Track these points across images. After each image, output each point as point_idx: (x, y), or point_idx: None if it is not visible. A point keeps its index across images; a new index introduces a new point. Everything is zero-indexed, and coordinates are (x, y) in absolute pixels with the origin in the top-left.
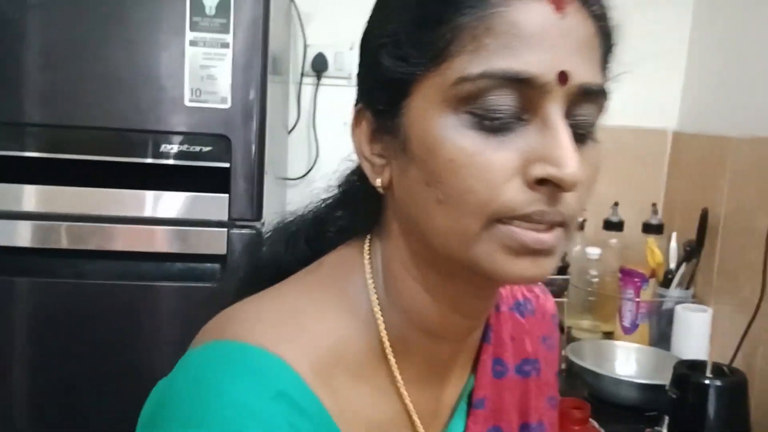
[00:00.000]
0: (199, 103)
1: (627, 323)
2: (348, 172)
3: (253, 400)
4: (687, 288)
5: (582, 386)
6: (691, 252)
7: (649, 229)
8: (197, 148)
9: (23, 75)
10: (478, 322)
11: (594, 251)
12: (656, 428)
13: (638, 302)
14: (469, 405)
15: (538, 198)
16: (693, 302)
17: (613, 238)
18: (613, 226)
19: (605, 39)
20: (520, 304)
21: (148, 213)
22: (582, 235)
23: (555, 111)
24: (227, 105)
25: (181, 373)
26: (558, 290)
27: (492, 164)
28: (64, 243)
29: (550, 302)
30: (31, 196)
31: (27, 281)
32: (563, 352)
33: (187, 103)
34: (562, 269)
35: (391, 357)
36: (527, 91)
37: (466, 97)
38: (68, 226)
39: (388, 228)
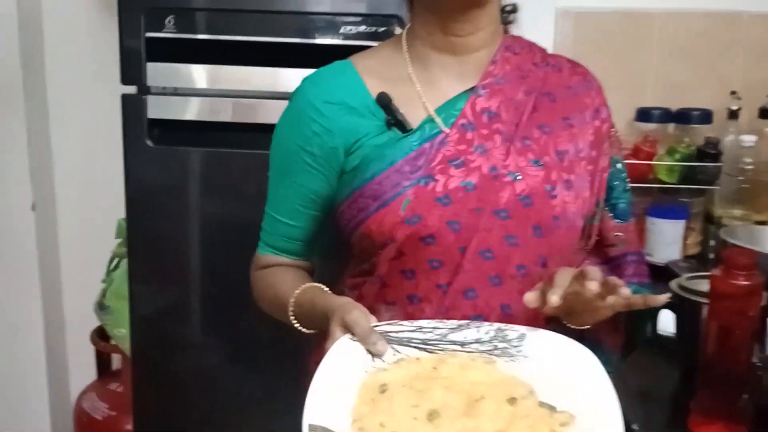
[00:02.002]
0: None
1: None
2: None
3: (319, 74)
4: None
5: None
6: None
7: None
8: (372, 29)
9: None
10: (466, 41)
11: (749, 138)
12: None
13: None
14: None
15: None
16: None
17: None
18: None
19: None
20: (549, 63)
21: None
22: (736, 123)
23: None
24: None
25: None
26: (709, 178)
27: None
28: (232, 117)
29: (583, 71)
30: (202, 75)
31: (198, 151)
32: (715, 239)
33: None
34: (715, 157)
35: (408, 63)
36: None
37: None
38: (234, 101)
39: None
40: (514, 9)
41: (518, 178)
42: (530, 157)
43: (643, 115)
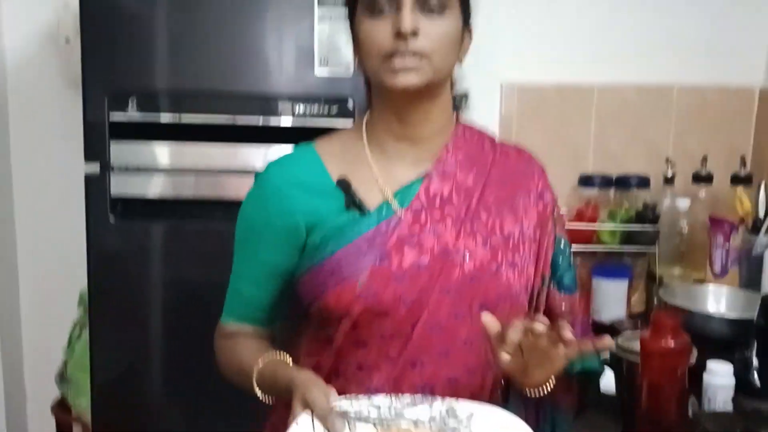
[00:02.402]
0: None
1: (717, 268)
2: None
3: (284, 158)
4: None
5: None
6: None
7: (737, 180)
8: (325, 109)
9: (156, 50)
10: (421, 130)
11: (683, 202)
12: (746, 353)
13: (728, 248)
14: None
15: (400, 42)
16: None
17: (702, 191)
18: (701, 178)
19: None
20: (497, 149)
21: None
22: (671, 188)
23: (404, 1)
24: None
25: None
26: (649, 240)
27: (377, 31)
28: (193, 193)
29: (528, 157)
30: (164, 153)
31: (161, 225)
32: (658, 297)
33: (316, 73)
34: (653, 220)
35: (367, 149)
36: None
37: (366, 2)
38: (195, 177)
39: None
40: (465, 96)
41: (467, 258)
42: (479, 238)
43: (585, 181)
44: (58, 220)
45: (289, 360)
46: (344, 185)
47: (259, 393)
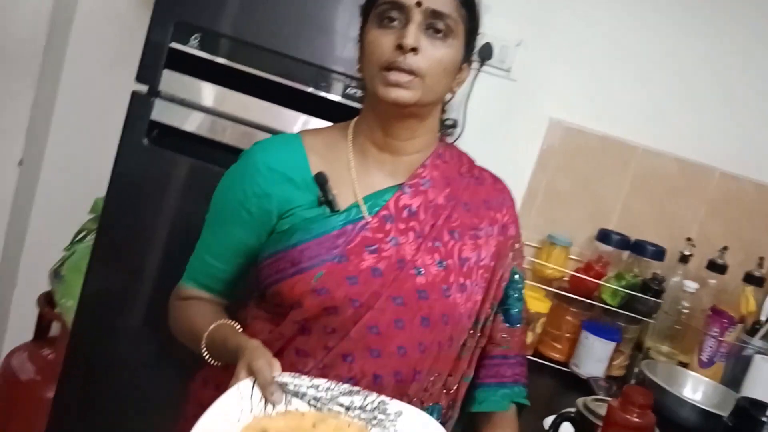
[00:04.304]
0: None
1: (705, 358)
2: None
3: (270, 141)
4: None
5: None
6: None
7: (750, 279)
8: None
9: None
10: (403, 145)
11: (691, 285)
12: None
13: (721, 341)
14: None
15: (398, 54)
16: None
17: (713, 279)
18: (716, 267)
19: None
20: (474, 175)
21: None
22: (684, 267)
23: (413, 19)
24: None
25: None
26: (648, 311)
27: (382, 41)
28: (228, 139)
29: (502, 188)
30: (211, 94)
31: (188, 160)
32: (639, 367)
33: None
34: (657, 293)
35: (351, 154)
36: (403, 9)
37: (378, 13)
38: (233, 125)
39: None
40: (454, 125)
41: (421, 273)
42: (436, 257)
43: (604, 236)
44: (94, 127)
45: (240, 329)
46: (321, 180)
47: (206, 355)
